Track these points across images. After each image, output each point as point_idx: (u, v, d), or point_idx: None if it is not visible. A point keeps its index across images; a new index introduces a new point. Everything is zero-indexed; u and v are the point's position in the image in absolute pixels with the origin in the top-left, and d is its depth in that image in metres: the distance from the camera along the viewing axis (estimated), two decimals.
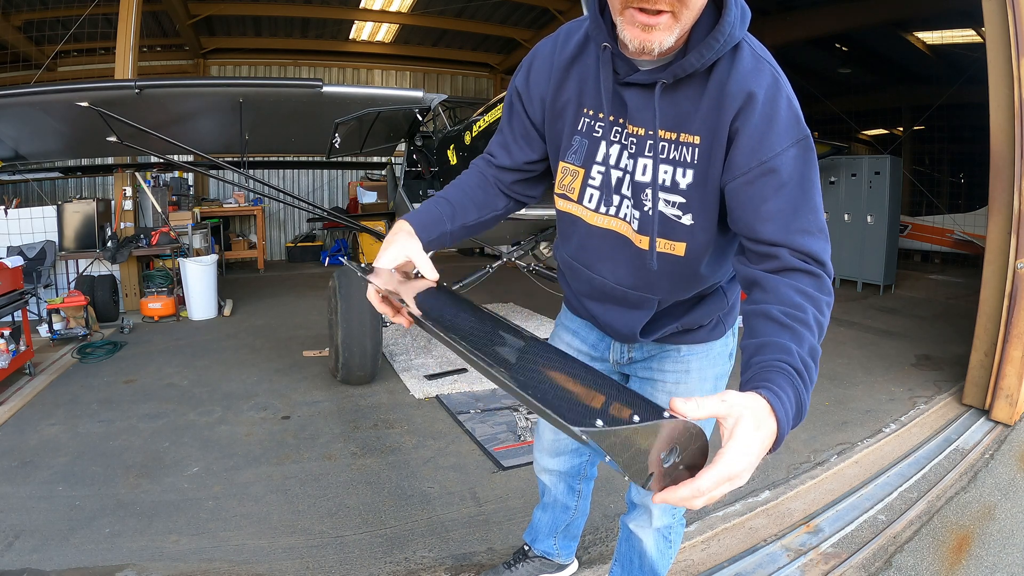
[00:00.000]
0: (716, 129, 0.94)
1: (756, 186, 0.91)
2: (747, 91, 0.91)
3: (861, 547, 2.03)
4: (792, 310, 0.81)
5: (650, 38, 0.86)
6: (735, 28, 0.91)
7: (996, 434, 2.91)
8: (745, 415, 0.65)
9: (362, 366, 3.45)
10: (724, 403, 0.65)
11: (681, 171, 0.99)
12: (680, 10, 0.84)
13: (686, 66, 0.93)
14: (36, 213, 5.21)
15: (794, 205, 0.89)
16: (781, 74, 0.95)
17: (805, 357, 0.76)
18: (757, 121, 0.91)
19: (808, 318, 0.80)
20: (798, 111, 0.93)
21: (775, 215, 0.89)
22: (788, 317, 0.80)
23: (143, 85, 3.29)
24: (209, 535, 2.09)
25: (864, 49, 8.37)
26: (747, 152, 0.91)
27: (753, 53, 0.95)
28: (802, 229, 0.89)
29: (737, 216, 0.95)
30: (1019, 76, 2.91)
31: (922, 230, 8.38)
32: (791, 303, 0.82)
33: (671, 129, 0.98)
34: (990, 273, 3.16)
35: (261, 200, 8.20)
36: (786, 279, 0.86)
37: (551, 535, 1.75)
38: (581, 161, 1.08)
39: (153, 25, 7.37)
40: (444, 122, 4.35)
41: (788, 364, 0.74)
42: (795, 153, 0.91)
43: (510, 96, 1.17)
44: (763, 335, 0.80)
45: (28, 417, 3.11)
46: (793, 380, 0.73)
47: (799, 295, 0.83)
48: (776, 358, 0.75)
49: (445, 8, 7.83)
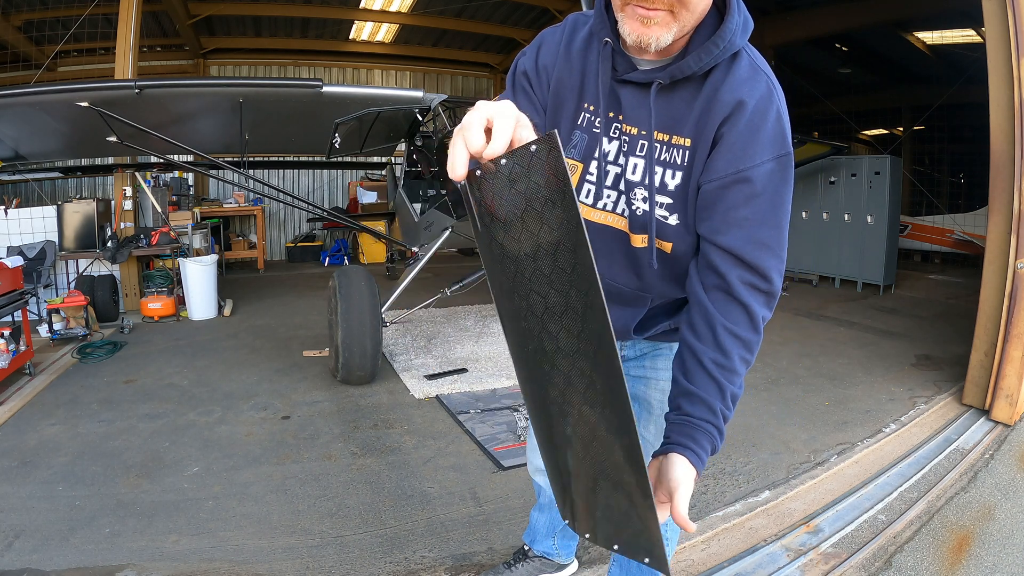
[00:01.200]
0: (704, 133, 0.96)
1: (729, 192, 0.94)
2: (737, 99, 0.92)
3: (861, 547, 2.03)
4: (722, 358, 0.93)
5: (648, 32, 0.87)
6: (736, 35, 0.92)
7: (996, 434, 2.91)
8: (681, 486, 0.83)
9: (362, 366, 3.45)
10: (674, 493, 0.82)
11: (671, 173, 1.00)
12: (679, 10, 0.86)
13: (684, 68, 0.94)
14: (36, 213, 5.22)
15: (761, 218, 0.93)
16: (776, 87, 0.95)
17: (726, 411, 0.92)
18: (742, 129, 0.92)
19: (734, 364, 0.93)
20: (785, 127, 0.94)
21: (740, 222, 0.93)
22: (717, 367, 0.92)
23: (143, 85, 3.30)
24: (209, 535, 2.09)
25: (864, 49, 8.38)
26: (727, 159, 0.94)
27: (751, 63, 0.96)
28: (761, 243, 0.93)
29: (703, 217, 0.97)
30: (1019, 76, 2.91)
31: (922, 230, 8.38)
32: (723, 349, 0.93)
33: (664, 131, 0.99)
34: (990, 273, 3.16)
35: (261, 200, 8.20)
36: (723, 319, 0.94)
37: (549, 535, 1.76)
38: (580, 156, 1.08)
39: (153, 25, 7.37)
40: (444, 122, 4.35)
41: (712, 424, 0.91)
42: (772, 168, 0.93)
43: (516, 78, 1.13)
44: (693, 382, 0.93)
45: (28, 417, 3.11)
46: (713, 438, 0.91)
47: (731, 339, 0.93)
48: (702, 418, 0.91)
49: (445, 8, 7.84)
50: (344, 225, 7.19)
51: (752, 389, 3.55)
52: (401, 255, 6.65)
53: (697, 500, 2.31)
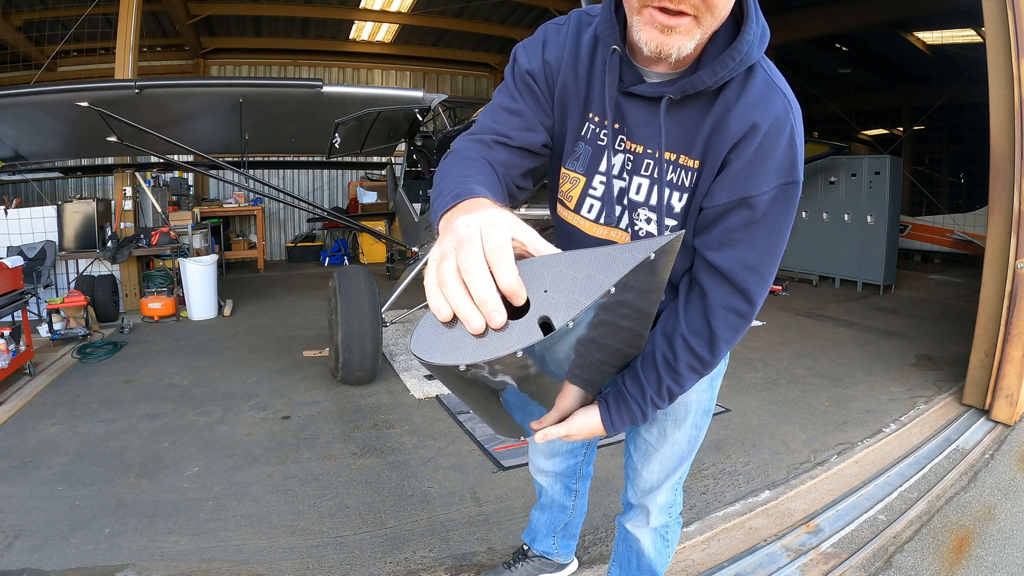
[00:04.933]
0: (711, 155, 0.92)
1: (730, 216, 0.92)
2: (750, 123, 0.88)
3: (861, 547, 2.03)
4: (671, 357, 0.98)
5: (668, 41, 0.79)
6: (753, 47, 0.86)
7: (996, 434, 2.91)
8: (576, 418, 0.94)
9: (362, 366, 3.45)
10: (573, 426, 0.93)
11: (678, 195, 0.97)
12: (704, 14, 0.78)
13: (696, 83, 0.87)
14: (36, 213, 5.21)
15: (756, 243, 0.92)
16: (794, 106, 0.90)
17: (657, 399, 1.00)
18: (751, 156, 0.89)
19: (680, 367, 0.98)
20: (797, 153, 0.90)
21: (735, 243, 0.93)
22: (664, 362, 0.98)
23: (143, 85, 3.30)
24: (209, 535, 2.09)
25: (864, 49, 8.38)
26: (732, 184, 0.91)
27: (767, 80, 0.90)
28: (752, 268, 0.93)
29: (703, 233, 0.96)
30: (1019, 76, 2.91)
31: (922, 230, 8.38)
32: (674, 351, 0.98)
33: (673, 150, 0.94)
34: (990, 273, 3.16)
35: (261, 200, 8.20)
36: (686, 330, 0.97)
37: (550, 535, 1.75)
38: (583, 169, 1.02)
39: (153, 25, 7.38)
40: (444, 122, 4.35)
41: (637, 404, 1.00)
42: (776, 196, 0.90)
43: (520, 75, 1.00)
44: (641, 365, 1.00)
45: (28, 417, 3.11)
46: (633, 414, 1.00)
47: (684, 348, 0.97)
48: (632, 395, 0.99)
49: (445, 8, 7.84)
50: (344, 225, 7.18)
51: (752, 389, 3.55)
52: (401, 255, 6.65)
53: (697, 500, 2.31)
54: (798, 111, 0.91)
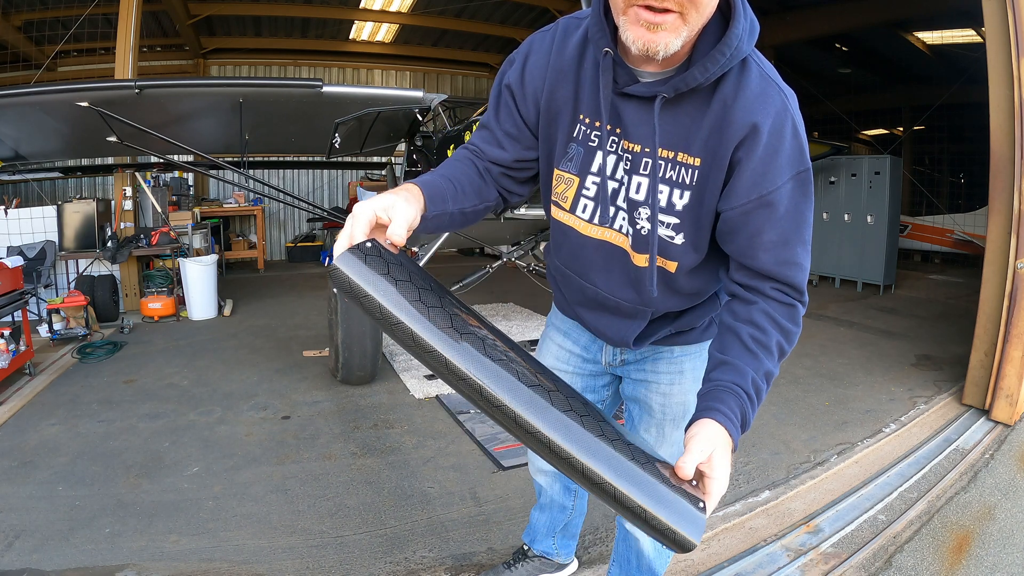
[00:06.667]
0: (717, 154, 0.92)
1: (752, 217, 0.93)
2: (752, 122, 0.89)
3: (861, 547, 2.03)
4: (759, 334, 0.92)
5: (655, 39, 0.81)
6: (743, 41, 0.86)
7: (996, 434, 2.91)
8: (717, 449, 0.80)
9: (362, 366, 3.45)
10: (702, 451, 0.79)
11: (678, 192, 0.97)
12: (689, 10, 0.79)
13: (689, 80, 0.88)
14: (36, 213, 5.21)
15: (785, 237, 0.93)
16: (789, 97, 0.91)
17: (758, 380, 0.89)
18: (760, 154, 0.90)
19: (771, 343, 0.92)
20: (802, 142, 0.92)
21: (768, 246, 0.93)
22: (753, 340, 0.91)
23: (143, 85, 3.29)
24: (209, 535, 2.09)
25: (864, 49, 8.37)
26: (748, 185, 0.91)
27: (761, 74, 0.91)
28: (790, 262, 0.95)
29: (729, 240, 0.97)
30: (1019, 76, 2.91)
31: (922, 230, 8.38)
32: (760, 326, 0.92)
33: (669, 147, 0.95)
34: (990, 273, 3.16)
35: (261, 200, 8.20)
36: (763, 304, 0.95)
37: (549, 535, 1.75)
38: (576, 170, 1.03)
39: (153, 25, 7.37)
40: (444, 122, 4.35)
41: (740, 387, 0.87)
42: (792, 186, 0.92)
43: (500, 91, 1.07)
44: (728, 353, 0.91)
45: (28, 417, 3.11)
46: (741, 401, 0.86)
47: (769, 321, 0.93)
48: (732, 380, 0.88)
49: (445, 8, 7.84)
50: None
51: None
52: None
53: None
54: (794, 100, 0.93)
